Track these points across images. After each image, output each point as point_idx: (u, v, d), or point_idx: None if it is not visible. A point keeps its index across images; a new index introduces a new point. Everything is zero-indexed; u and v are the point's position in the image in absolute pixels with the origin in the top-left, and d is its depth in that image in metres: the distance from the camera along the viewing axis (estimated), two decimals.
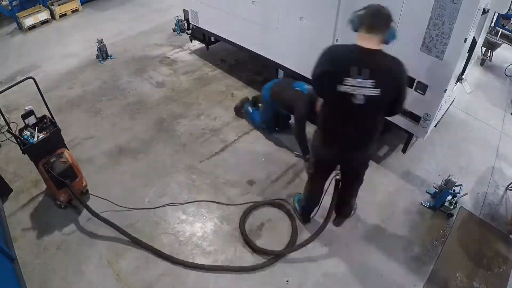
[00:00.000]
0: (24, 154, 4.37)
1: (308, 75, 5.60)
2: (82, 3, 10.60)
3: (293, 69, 5.83)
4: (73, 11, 10.33)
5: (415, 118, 4.62)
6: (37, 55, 8.29)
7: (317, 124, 3.67)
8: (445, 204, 4.72)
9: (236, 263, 4.21)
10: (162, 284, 4.01)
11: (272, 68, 6.37)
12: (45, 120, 4.75)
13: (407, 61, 4.30)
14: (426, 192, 5.06)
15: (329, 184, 4.19)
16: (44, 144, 4.45)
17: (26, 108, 4.65)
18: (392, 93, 3.09)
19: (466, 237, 4.54)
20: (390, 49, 4.37)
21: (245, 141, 5.86)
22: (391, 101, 3.15)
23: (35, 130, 4.53)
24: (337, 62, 3.09)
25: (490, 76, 7.73)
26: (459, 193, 4.67)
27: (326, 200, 4.32)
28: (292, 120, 5.38)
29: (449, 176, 4.61)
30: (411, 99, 4.49)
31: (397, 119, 4.82)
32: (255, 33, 6.07)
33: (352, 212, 4.65)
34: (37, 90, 4.66)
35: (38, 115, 4.31)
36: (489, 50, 7.86)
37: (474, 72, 7.54)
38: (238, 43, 6.58)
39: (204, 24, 7.12)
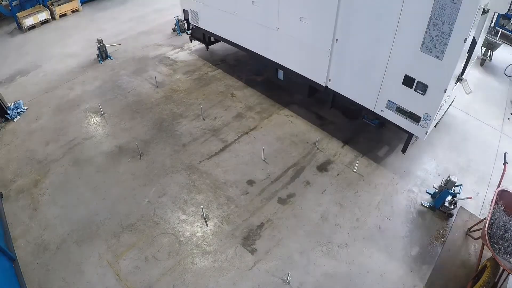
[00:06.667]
0: None
1: (309, 75, 5.67)
2: (82, 3, 10.61)
3: (293, 69, 5.83)
4: (73, 11, 10.34)
5: (415, 118, 4.63)
6: (37, 55, 8.29)
7: None
8: (445, 204, 4.73)
9: (236, 263, 4.21)
10: (162, 284, 4.02)
11: (272, 68, 6.37)
12: None
13: (407, 61, 4.36)
14: (426, 192, 5.06)
15: None
16: None
17: None
18: None
19: (466, 237, 4.55)
20: (390, 50, 4.41)
21: (245, 141, 5.86)
22: None
23: None
24: None
25: (490, 76, 7.73)
26: (459, 193, 4.67)
27: None
28: None
29: (449, 176, 4.61)
30: (412, 99, 4.51)
31: (397, 119, 4.83)
32: (255, 33, 6.07)
33: None
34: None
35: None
36: (489, 50, 7.86)
37: (474, 72, 7.54)
38: (238, 43, 6.58)
39: (204, 24, 7.12)
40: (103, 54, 7.94)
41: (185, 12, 7.44)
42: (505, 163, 4.41)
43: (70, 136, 5.95)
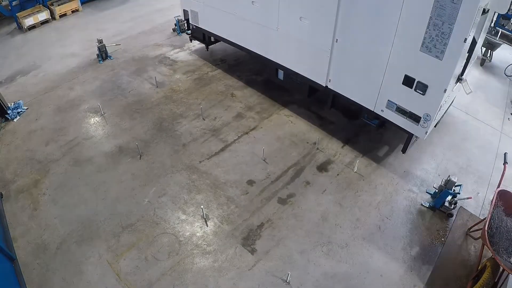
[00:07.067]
0: None
1: (309, 75, 5.67)
2: (82, 3, 10.61)
3: (293, 69, 5.83)
4: (73, 11, 10.34)
5: (415, 118, 4.63)
6: (37, 55, 8.29)
7: None
8: (445, 204, 4.73)
9: (236, 263, 4.21)
10: (162, 284, 4.02)
11: (272, 68, 6.37)
12: None
13: (407, 61, 4.36)
14: (426, 192, 5.06)
15: None
16: None
17: None
18: None
19: (466, 237, 4.55)
20: (390, 50, 4.41)
21: (245, 141, 5.86)
22: None
23: None
24: None
25: (490, 76, 7.73)
26: (459, 193, 4.68)
27: None
28: None
29: (449, 176, 4.61)
30: (412, 99, 4.51)
31: (397, 119, 4.83)
32: (255, 33, 6.07)
33: None
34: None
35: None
36: (489, 50, 7.86)
37: (474, 72, 7.55)
38: (238, 43, 6.58)
39: (204, 24, 7.12)
40: (103, 54, 7.94)
41: (185, 12, 7.44)
42: (505, 163, 4.42)
43: (70, 136, 5.95)
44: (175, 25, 9.02)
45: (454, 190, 4.61)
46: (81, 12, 10.49)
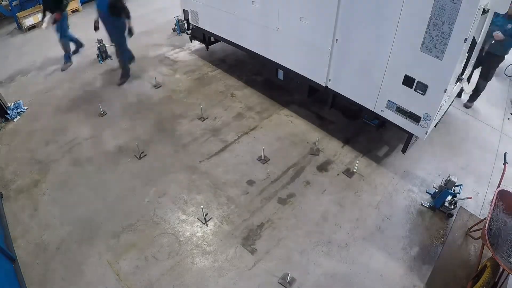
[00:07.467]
0: None
1: (309, 75, 5.67)
2: (82, 3, 10.61)
3: (293, 69, 5.83)
4: (73, 11, 10.33)
5: (415, 118, 4.63)
6: (37, 55, 8.29)
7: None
8: (445, 204, 4.73)
9: (236, 263, 4.21)
10: (162, 284, 4.02)
11: (272, 68, 6.37)
12: None
13: (407, 61, 4.37)
14: (426, 192, 5.06)
15: None
16: None
17: None
18: None
19: (466, 237, 4.55)
20: (390, 50, 4.41)
21: (245, 141, 5.86)
22: None
23: None
24: None
25: None
26: (459, 193, 4.68)
27: None
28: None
29: (449, 176, 4.61)
30: (412, 99, 4.51)
31: (397, 119, 4.83)
32: (255, 33, 6.07)
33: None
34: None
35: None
36: None
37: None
38: (238, 43, 6.58)
39: (204, 24, 7.12)
40: (103, 54, 7.94)
41: (185, 12, 7.44)
42: (505, 163, 4.41)
43: (70, 136, 5.96)
44: (175, 25, 9.03)
45: (454, 190, 4.61)
46: (81, 12, 10.49)
